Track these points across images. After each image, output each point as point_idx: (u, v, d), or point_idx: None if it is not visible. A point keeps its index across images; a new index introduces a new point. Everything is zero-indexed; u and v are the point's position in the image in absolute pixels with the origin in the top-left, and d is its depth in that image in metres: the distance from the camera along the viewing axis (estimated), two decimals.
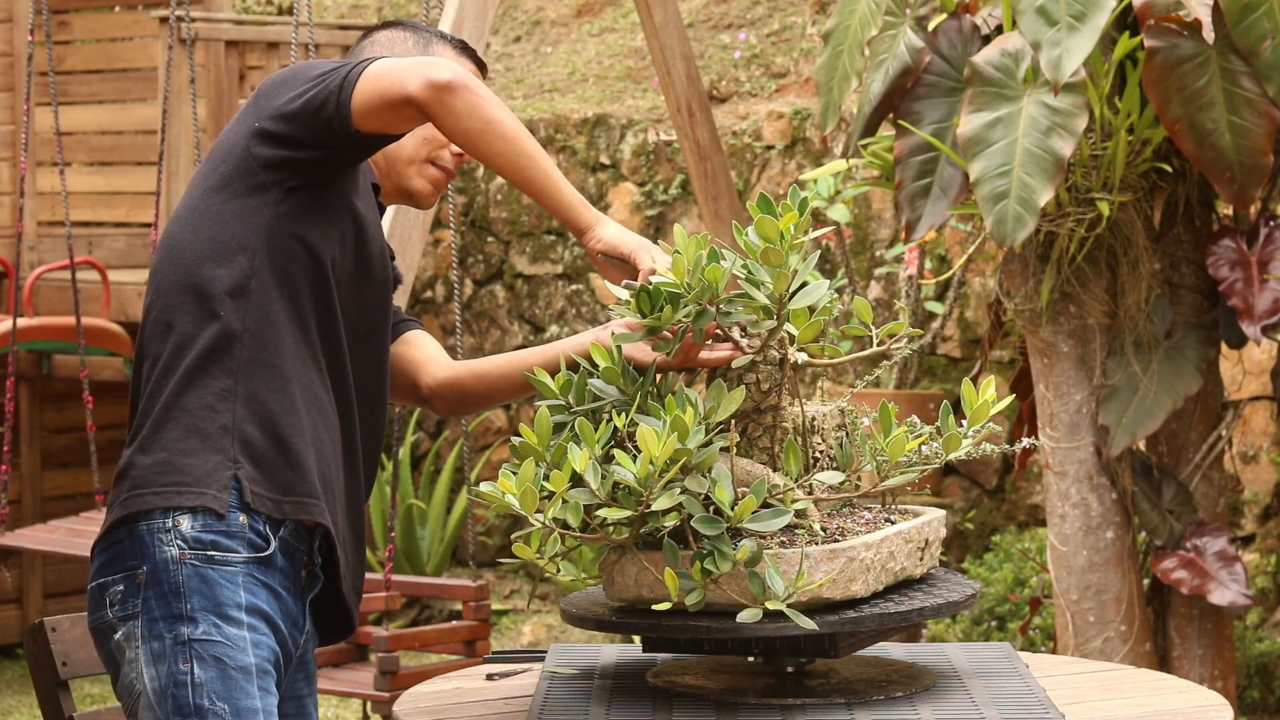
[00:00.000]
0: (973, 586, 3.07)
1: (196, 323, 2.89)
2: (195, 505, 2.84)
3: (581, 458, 2.80)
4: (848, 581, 2.88)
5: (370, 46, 3.21)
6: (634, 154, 8.64)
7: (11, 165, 8.91)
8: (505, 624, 8.21)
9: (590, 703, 3.00)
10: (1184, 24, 4.99)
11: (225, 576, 2.84)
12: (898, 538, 2.98)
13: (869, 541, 2.91)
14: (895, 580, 3.00)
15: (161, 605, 2.84)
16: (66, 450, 8.69)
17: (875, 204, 7.94)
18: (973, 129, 4.99)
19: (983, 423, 2.99)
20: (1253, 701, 6.65)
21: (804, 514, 2.97)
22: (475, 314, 9.05)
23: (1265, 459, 7.05)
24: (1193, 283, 5.38)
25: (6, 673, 8.26)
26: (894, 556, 2.97)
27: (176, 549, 2.84)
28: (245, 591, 2.85)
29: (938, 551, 3.12)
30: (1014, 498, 7.65)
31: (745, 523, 2.80)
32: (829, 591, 2.86)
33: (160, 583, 2.84)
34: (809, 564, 2.84)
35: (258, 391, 2.88)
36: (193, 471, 2.85)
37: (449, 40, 3.22)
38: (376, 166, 3.15)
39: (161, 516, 2.85)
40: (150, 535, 2.85)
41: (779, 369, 3.04)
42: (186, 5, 7.02)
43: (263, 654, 2.87)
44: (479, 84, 2.90)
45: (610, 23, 9.80)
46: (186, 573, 2.83)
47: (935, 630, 6.91)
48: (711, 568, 2.79)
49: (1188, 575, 5.30)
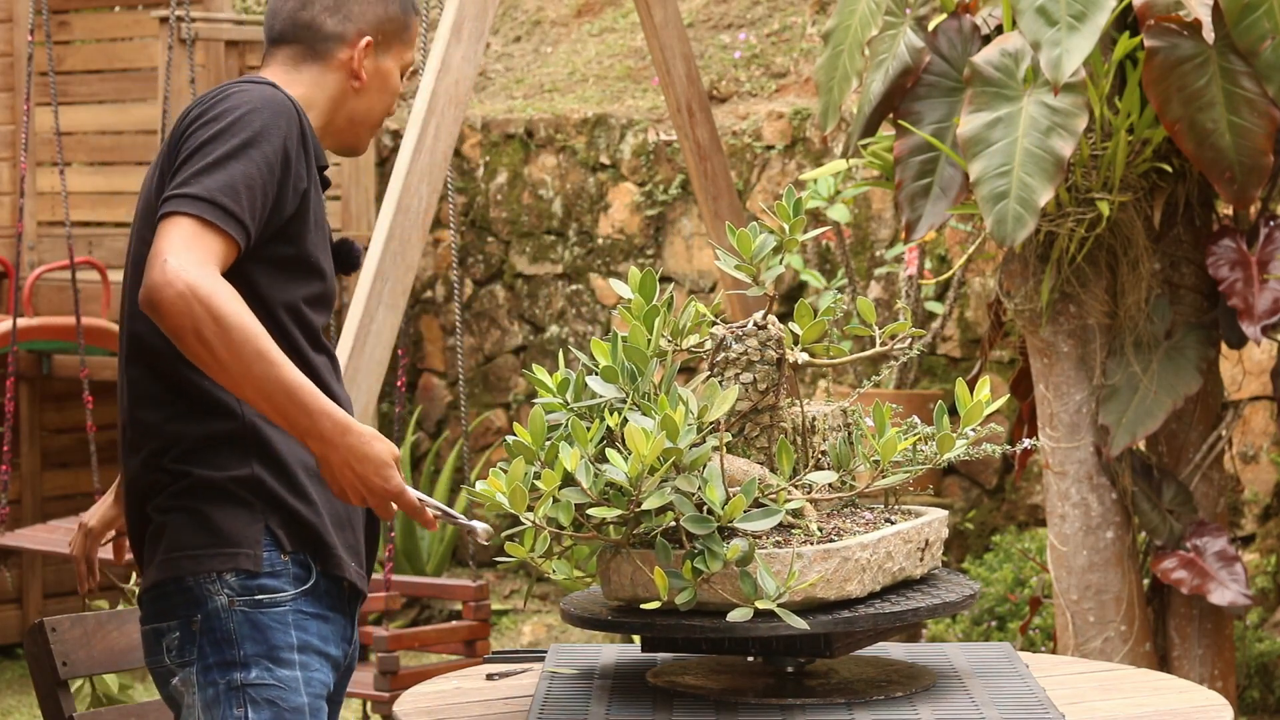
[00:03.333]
0: (971, 587, 3.07)
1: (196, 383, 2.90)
2: (232, 567, 2.87)
3: (573, 456, 2.81)
4: (842, 581, 2.88)
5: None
6: (634, 154, 8.64)
7: (11, 165, 8.91)
8: (505, 624, 8.21)
9: (590, 703, 2.99)
10: (1184, 24, 4.99)
11: (275, 619, 2.87)
12: (896, 538, 2.97)
13: (865, 542, 2.91)
14: (894, 581, 3.00)
15: (215, 652, 2.87)
16: (66, 450, 8.69)
17: (875, 204, 7.94)
18: (973, 129, 4.99)
19: (977, 423, 2.98)
20: (1253, 701, 6.65)
21: (801, 514, 2.97)
22: (475, 314, 9.05)
23: (1265, 459, 7.05)
24: (1193, 283, 5.38)
25: (6, 673, 8.25)
26: (891, 557, 2.96)
27: (225, 597, 2.87)
28: (296, 630, 2.89)
29: (939, 552, 3.12)
30: (1014, 498, 7.65)
31: (737, 522, 2.80)
32: (823, 591, 2.86)
33: (213, 630, 2.87)
34: (803, 564, 2.84)
35: (266, 436, 2.90)
36: (225, 532, 2.88)
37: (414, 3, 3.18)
38: (332, 124, 3.09)
39: (205, 574, 2.88)
40: (199, 587, 2.88)
41: (777, 369, 3.04)
42: (186, 5, 7.02)
43: (314, 690, 2.91)
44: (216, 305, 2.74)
45: (610, 23, 9.79)
46: (238, 619, 2.86)
47: (935, 630, 6.91)
48: (702, 567, 2.80)
49: (1188, 575, 5.30)
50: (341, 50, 3.07)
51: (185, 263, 2.72)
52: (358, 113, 3.10)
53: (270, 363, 2.72)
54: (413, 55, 3.17)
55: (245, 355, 2.71)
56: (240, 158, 2.82)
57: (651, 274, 3.03)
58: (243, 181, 2.81)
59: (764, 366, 3.03)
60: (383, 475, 2.78)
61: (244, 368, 2.72)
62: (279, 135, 2.88)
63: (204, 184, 2.79)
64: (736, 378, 3.03)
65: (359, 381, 5.71)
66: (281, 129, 2.89)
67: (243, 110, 2.87)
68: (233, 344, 2.70)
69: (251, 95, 2.91)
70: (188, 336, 2.71)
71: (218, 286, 2.72)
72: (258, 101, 2.89)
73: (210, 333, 2.70)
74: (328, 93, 3.07)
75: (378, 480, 2.78)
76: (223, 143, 2.83)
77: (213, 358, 2.72)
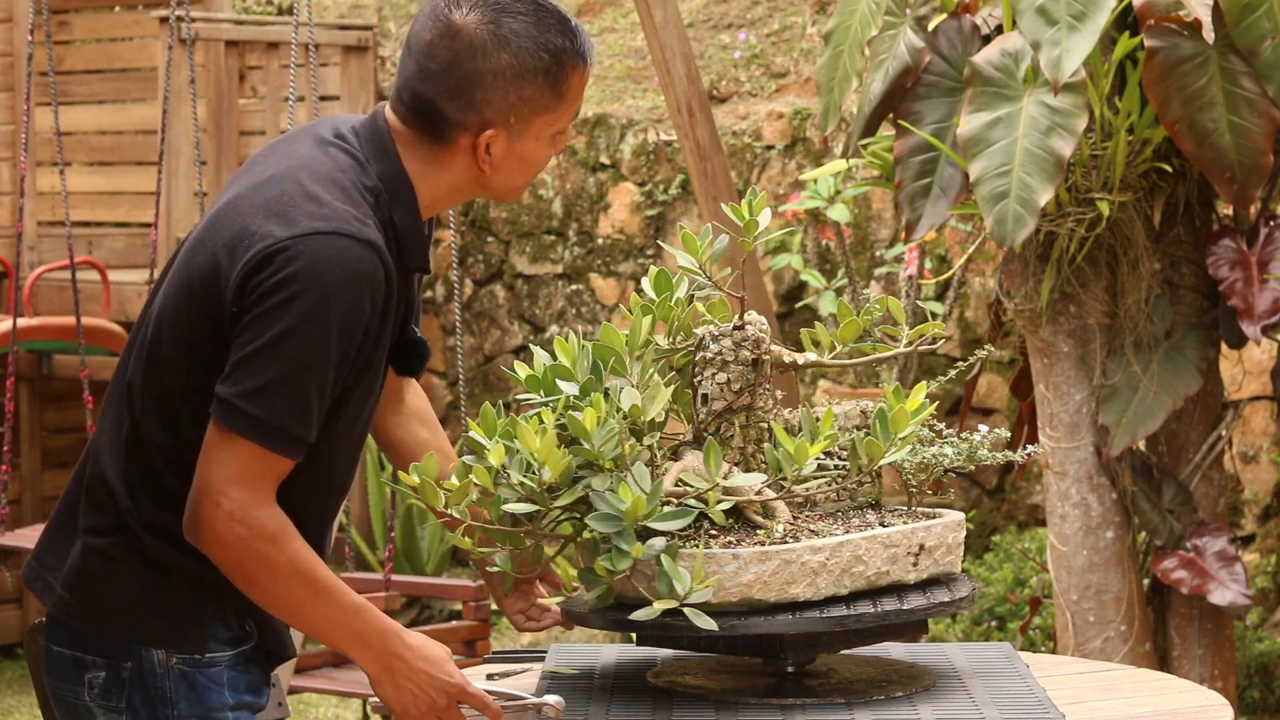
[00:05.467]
0: (951, 595, 3.02)
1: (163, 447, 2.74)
2: (175, 649, 2.75)
3: (498, 451, 2.81)
4: (785, 584, 2.86)
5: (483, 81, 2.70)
6: (634, 154, 8.64)
7: (11, 165, 8.92)
8: (505, 624, 8.21)
9: (590, 703, 3.00)
10: (1184, 24, 4.99)
11: (212, 678, 2.77)
12: (872, 542, 2.96)
13: (816, 545, 2.89)
14: (871, 585, 2.97)
15: (147, 708, 2.74)
16: (66, 450, 8.69)
17: (875, 204, 7.94)
18: (973, 129, 4.99)
19: (905, 431, 2.94)
20: (1253, 701, 6.65)
21: (773, 514, 2.97)
22: (475, 314, 9.05)
23: (1265, 459, 7.05)
24: (1193, 283, 5.38)
25: (6, 673, 8.25)
26: (863, 561, 2.94)
27: (163, 653, 2.75)
28: (229, 689, 2.78)
29: (949, 556, 3.07)
30: (1014, 498, 7.65)
31: (652, 522, 2.79)
32: (761, 593, 2.85)
33: (146, 686, 2.74)
34: (738, 565, 2.83)
35: None
36: (173, 614, 2.75)
37: (580, 51, 2.74)
38: (458, 196, 2.79)
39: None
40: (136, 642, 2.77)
41: (752, 370, 3.05)
42: (186, 5, 7.02)
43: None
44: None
45: (610, 23, 9.79)
46: (174, 678, 2.74)
47: (935, 630, 6.91)
48: (608, 564, 2.79)
49: (1188, 575, 5.30)
50: (463, 137, 2.72)
51: (243, 504, 2.61)
52: (493, 188, 2.78)
53: (326, 603, 2.67)
54: (574, 110, 2.77)
55: (300, 601, 2.66)
56: (312, 365, 2.60)
57: (665, 273, 3.03)
58: (316, 392, 2.62)
59: (738, 367, 3.04)
60: (447, 672, 2.75)
61: (297, 613, 2.69)
62: (358, 323, 2.63)
63: (271, 403, 2.60)
64: (713, 378, 3.04)
65: None
66: (361, 312, 2.62)
67: (313, 297, 2.58)
68: (288, 594, 2.66)
69: (325, 265, 2.59)
70: (239, 582, 2.66)
71: (275, 534, 2.62)
72: (332, 282, 2.59)
73: (264, 583, 2.65)
74: (450, 176, 2.76)
75: (443, 678, 2.74)
76: (293, 343, 2.58)
77: (267, 601, 2.68)
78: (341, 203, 2.65)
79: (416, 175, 2.74)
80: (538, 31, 2.71)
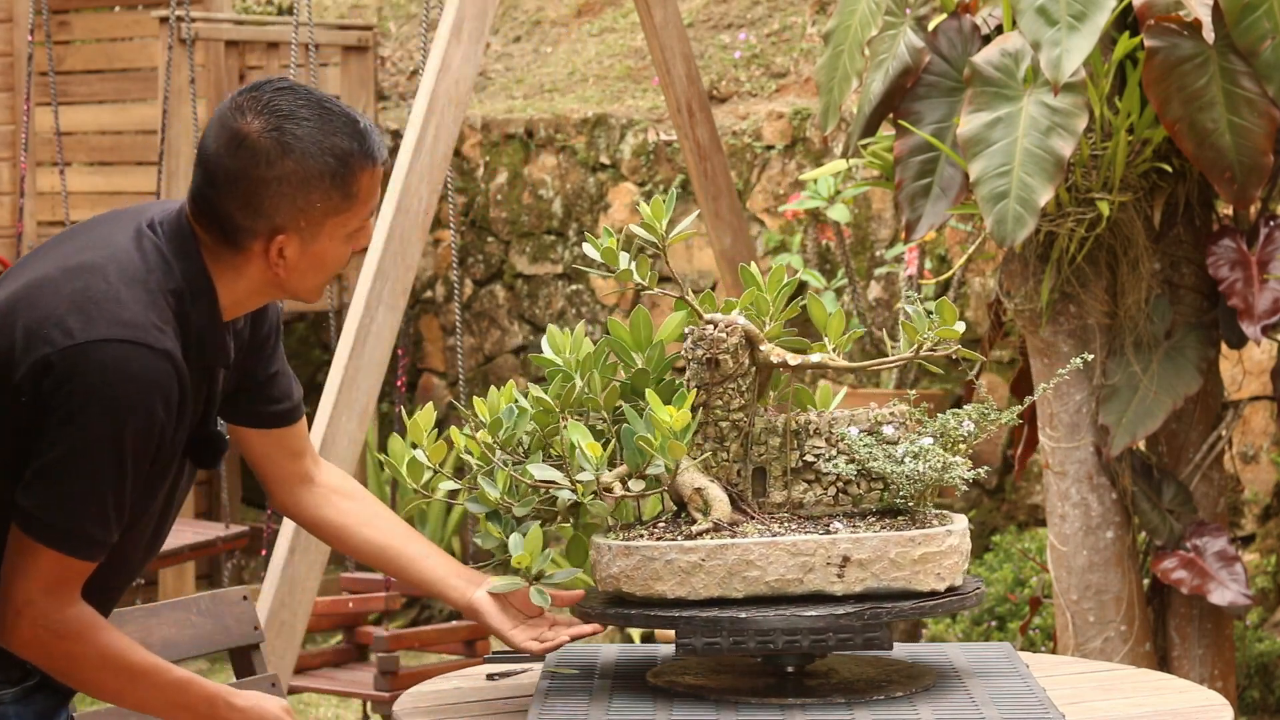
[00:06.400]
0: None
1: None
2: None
3: (455, 434, 3.10)
4: (648, 580, 2.94)
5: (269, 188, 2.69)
6: (634, 154, 8.64)
7: (11, 165, 8.91)
8: None
9: (590, 702, 3.00)
10: (1184, 24, 4.99)
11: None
12: (769, 548, 2.93)
13: (686, 546, 2.93)
14: (777, 592, 2.93)
15: None
16: None
17: (875, 204, 7.94)
18: (973, 129, 4.99)
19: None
20: (1253, 701, 6.65)
21: (707, 509, 3.00)
22: (475, 314, 9.05)
23: (1265, 459, 7.05)
24: (1193, 283, 5.38)
25: None
26: (755, 565, 2.92)
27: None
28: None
29: (894, 571, 2.95)
30: (1014, 498, 7.65)
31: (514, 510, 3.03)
32: (628, 586, 2.96)
33: None
34: (610, 556, 2.98)
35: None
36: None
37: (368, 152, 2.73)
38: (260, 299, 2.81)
39: None
40: None
41: (706, 369, 3.07)
42: (186, 5, 7.02)
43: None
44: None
45: (610, 23, 9.79)
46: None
47: (935, 630, 6.91)
48: (478, 540, 3.05)
49: (1188, 575, 5.30)
50: (255, 243, 2.73)
51: (45, 611, 2.67)
52: (290, 289, 2.78)
53: (148, 686, 2.75)
54: (368, 209, 2.77)
55: (118, 688, 2.74)
56: (108, 474, 2.64)
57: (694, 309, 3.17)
58: (113, 499, 2.66)
59: (694, 365, 3.08)
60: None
61: (119, 698, 2.77)
62: (151, 430, 2.65)
63: (70, 512, 2.64)
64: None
65: (359, 381, 5.70)
66: (155, 419, 2.65)
67: (107, 406, 2.60)
68: (103, 683, 2.74)
69: (117, 375, 2.61)
70: (57, 676, 2.75)
71: (80, 633, 2.69)
72: (124, 392, 2.61)
73: (79, 676, 2.73)
74: (246, 280, 2.77)
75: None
76: (89, 454, 2.61)
77: (87, 690, 2.77)
78: (144, 309, 2.67)
79: (216, 276, 2.76)
80: (322, 136, 2.70)
